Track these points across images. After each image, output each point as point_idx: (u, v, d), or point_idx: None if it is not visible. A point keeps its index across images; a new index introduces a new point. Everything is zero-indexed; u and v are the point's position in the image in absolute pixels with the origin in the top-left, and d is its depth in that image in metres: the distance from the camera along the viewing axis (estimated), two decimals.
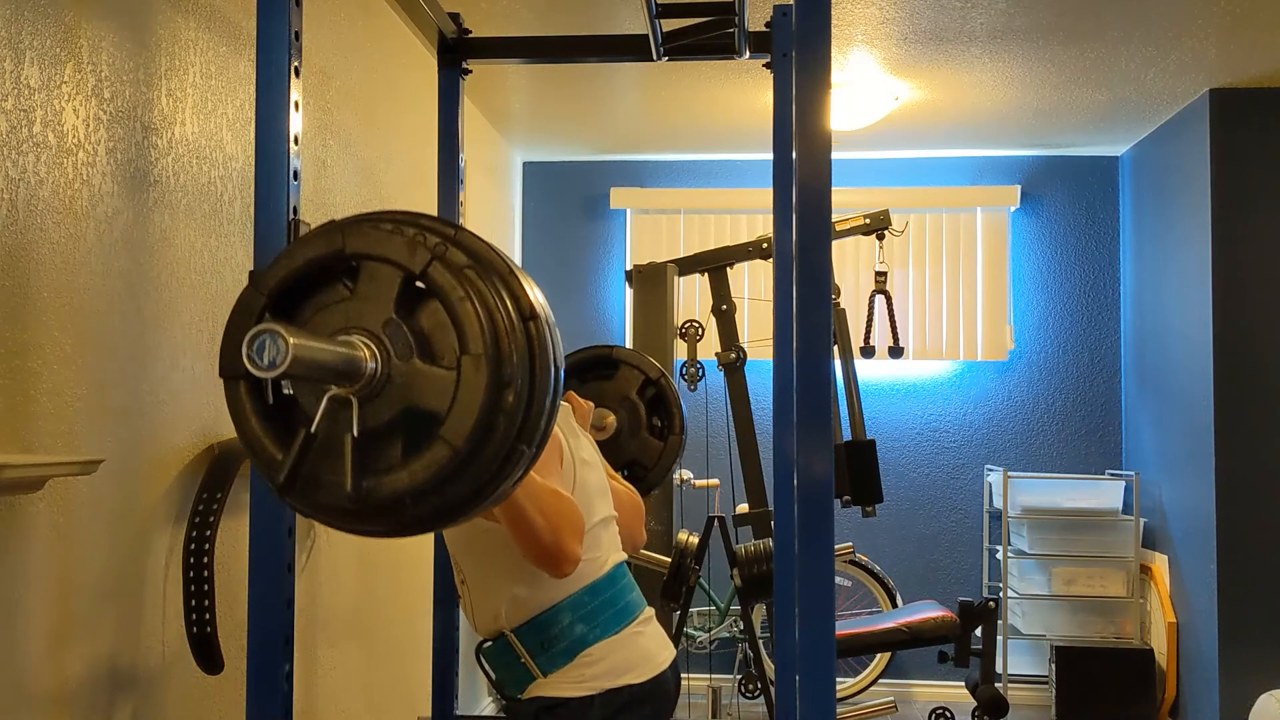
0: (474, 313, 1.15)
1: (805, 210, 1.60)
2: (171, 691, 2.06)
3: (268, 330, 1.03)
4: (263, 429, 1.20)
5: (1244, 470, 4.25)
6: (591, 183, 5.57)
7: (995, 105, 4.53)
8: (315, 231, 1.24)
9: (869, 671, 5.02)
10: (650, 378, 2.50)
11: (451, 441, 1.14)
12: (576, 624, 1.87)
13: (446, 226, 1.22)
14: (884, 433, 5.36)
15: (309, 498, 1.20)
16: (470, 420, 1.13)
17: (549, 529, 1.73)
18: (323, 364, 1.10)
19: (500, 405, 1.15)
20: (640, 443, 2.48)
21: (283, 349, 1.03)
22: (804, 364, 1.60)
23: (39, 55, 1.67)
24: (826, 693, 1.54)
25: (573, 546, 1.76)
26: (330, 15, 2.85)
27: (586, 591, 1.89)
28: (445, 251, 1.18)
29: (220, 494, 2.08)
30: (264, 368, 1.03)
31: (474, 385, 1.14)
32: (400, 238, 1.18)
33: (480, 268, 1.18)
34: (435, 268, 1.16)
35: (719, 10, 2.24)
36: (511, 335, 1.17)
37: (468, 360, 1.15)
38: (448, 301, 1.16)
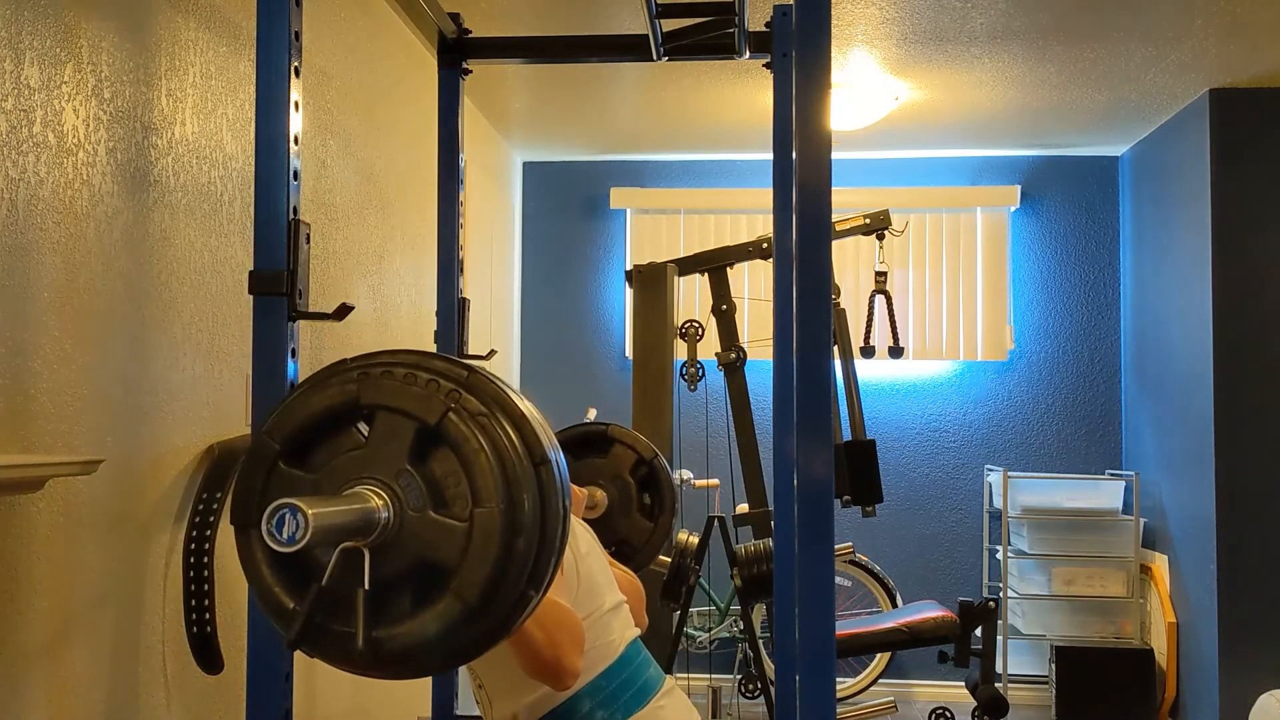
0: (488, 464, 1.16)
1: (805, 210, 1.60)
2: (171, 691, 2.06)
3: (287, 506, 1.04)
4: (274, 578, 1.20)
5: (1244, 470, 4.25)
6: (591, 183, 5.57)
7: (995, 105, 4.53)
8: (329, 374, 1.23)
9: (869, 671, 5.02)
10: (643, 458, 2.48)
11: (464, 596, 1.14)
12: (597, 710, 1.85)
13: (459, 369, 1.22)
14: (884, 433, 5.36)
15: (320, 649, 1.20)
16: (483, 573, 1.14)
17: (549, 644, 1.71)
18: (340, 527, 1.10)
19: (512, 554, 1.15)
20: (630, 522, 2.46)
21: (303, 524, 1.04)
22: (804, 364, 1.59)
23: (39, 55, 1.67)
24: (826, 693, 1.54)
25: (573, 660, 1.75)
26: (330, 15, 2.85)
27: (602, 676, 1.87)
28: (460, 399, 1.18)
29: (220, 494, 2.08)
30: (285, 543, 1.04)
31: (487, 538, 1.15)
32: (415, 387, 1.18)
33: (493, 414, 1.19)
34: (449, 420, 1.16)
35: (719, 10, 2.24)
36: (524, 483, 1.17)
37: (480, 512, 1.15)
38: (461, 453, 1.16)
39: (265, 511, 1.04)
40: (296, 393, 1.25)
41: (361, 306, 3.09)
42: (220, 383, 2.24)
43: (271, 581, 1.20)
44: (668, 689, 1.98)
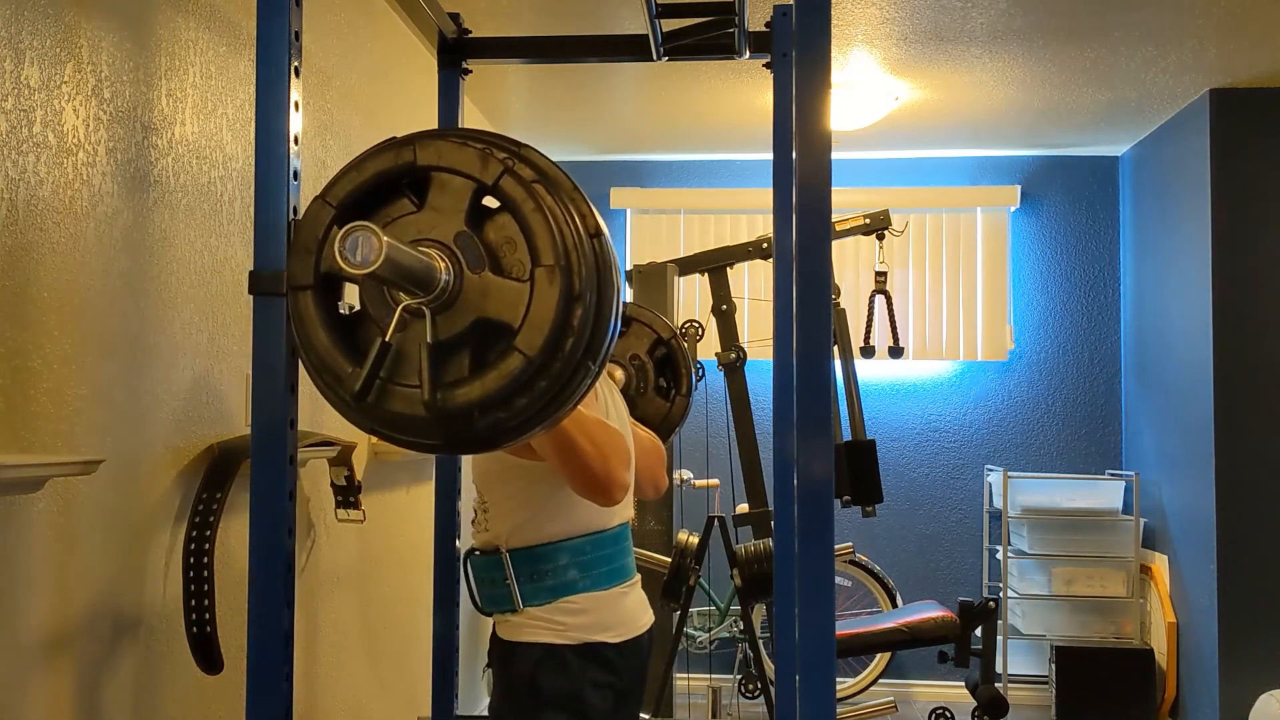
0: (546, 225, 1.15)
1: (805, 210, 1.60)
2: (171, 691, 2.06)
3: (362, 229, 1.02)
4: (331, 339, 1.19)
5: (1244, 470, 4.25)
6: (591, 183, 5.57)
7: (995, 105, 4.53)
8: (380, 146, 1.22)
9: (869, 671, 5.02)
10: (661, 336, 2.48)
11: (525, 351, 1.13)
12: (570, 568, 1.89)
13: (510, 143, 1.21)
14: (884, 433, 5.36)
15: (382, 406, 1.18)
16: (544, 331, 1.13)
17: (599, 457, 1.75)
18: (408, 269, 1.08)
19: (570, 317, 1.15)
20: (646, 401, 2.47)
21: (375, 247, 1.01)
22: (804, 364, 1.59)
23: (39, 55, 1.67)
24: (826, 693, 1.54)
25: (623, 474, 1.79)
26: (330, 16, 2.85)
27: (589, 541, 1.91)
28: (514, 165, 1.17)
29: (220, 494, 2.08)
30: (357, 265, 1.02)
31: (547, 297, 1.14)
32: (472, 149, 1.17)
33: (547, 183, 1.18)
34: (507, 180, 1.15)
35: (719, 10, 2.24)
36: (580, 249, 1.16)
37: (541, 272, 1.14)
38: (520, 214, 1.15)
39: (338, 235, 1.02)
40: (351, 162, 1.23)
41: None
42: (220, 383, 2.24)
43: (329, 343, 1.18)
44: (634, 582, 2.02)
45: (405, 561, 3.49)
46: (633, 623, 1.96)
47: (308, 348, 1.20)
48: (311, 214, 1.21)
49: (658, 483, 2.21)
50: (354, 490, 2.64)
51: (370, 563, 3.20)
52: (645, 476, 2.13)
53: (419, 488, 3.61)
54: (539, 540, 1.89)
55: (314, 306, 1.19)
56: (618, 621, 1.93)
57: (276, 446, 1.56)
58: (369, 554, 3.17)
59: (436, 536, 2.45)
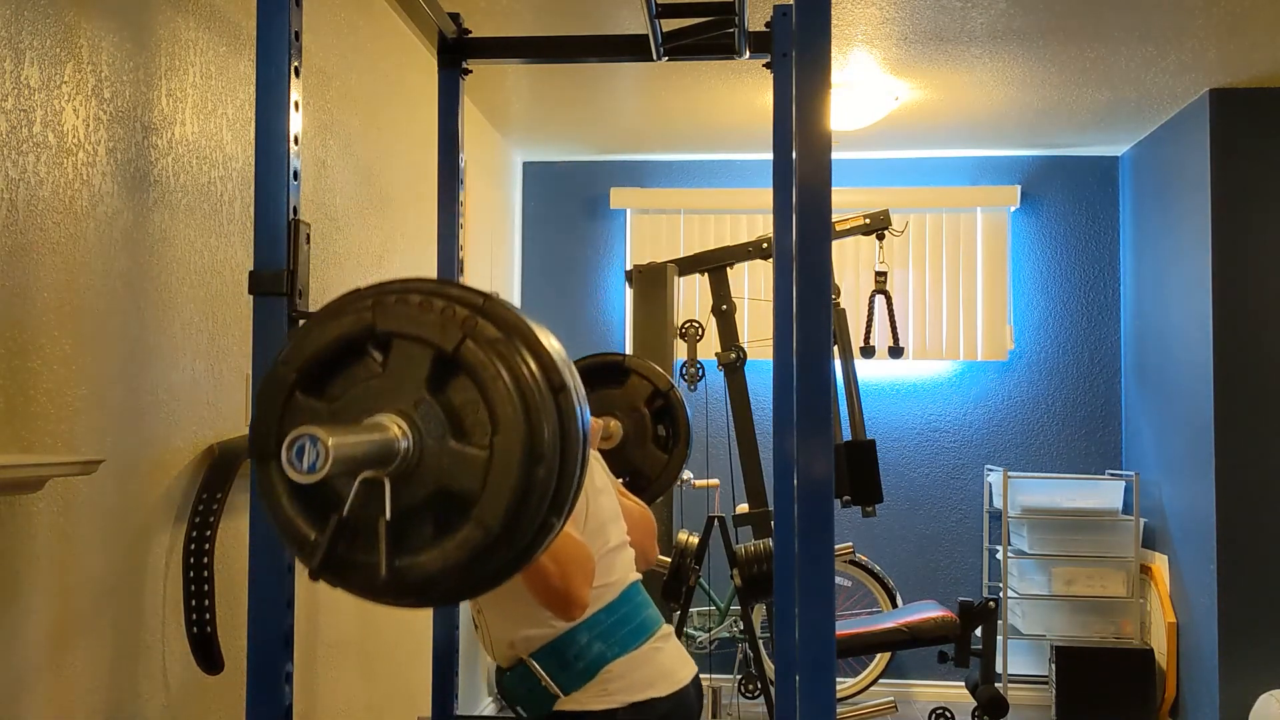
0: (506, 390, 1.14)
1: (805, 210, 1.60)
2: (171, 691, 2.06)
3: (307, 434, 1.02)
4: (294, 510, 1.19)
5: (1244, 470, 4.25)
6: (591, 183, 5.57)
7: (995, 105, 4.53)
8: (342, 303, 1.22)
9: (869, 671, 5.02)
10: (659, 389, 2.49)
11: (485, 523, 1.13)
12: (595, 642, 1.88)
13: (475, 295, 1.20)
14: (884, 433, 5.36)
15: (343, 579, 1.19)
16: (504, 501, 1.13)
17: (559, 575, 1.74)
18: (361, 458, 1.09)
19: (532, 483, 1.14)
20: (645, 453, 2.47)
21: (323, 453, 1.02)
22: (804, 364, 1.59)
23: (39, 55, 1.67)
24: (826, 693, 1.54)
25: (582, 592, 1.77)
26: (330, 16, 2.85)
27: (602, 611, 1.90)
28: (476, 325, 1.16)
29: (220, 494, 2.08)
30: (305, 472, 1.02)
31: (507, 465, 1.13)
32: (431, 313, 1.16)
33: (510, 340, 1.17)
34: (467, 346, 1.15)
35: (719, 10, 2.24)
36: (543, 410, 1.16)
37: (500, 440, 1.13)
38: (479, 381, 1.15)
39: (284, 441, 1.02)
40: (311, 322, 1.23)
41: None
42: (220, 383, 2.24)
43: (292, 513, 1.19)
44: (665, 633, 2.00)
45: None
46: (673, 676, 1.95)
47: (274, 515, 1.21)
48: (271, 381, 1.21)
49: (649, 556, 2.18)
50: None
51: None
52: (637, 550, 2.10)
53: None
54: (554, 634, 1.88)
55: (275, 477, 1.19)
56: (659, 676, 1.92)
57: None
58: None
59: None
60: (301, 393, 1.20)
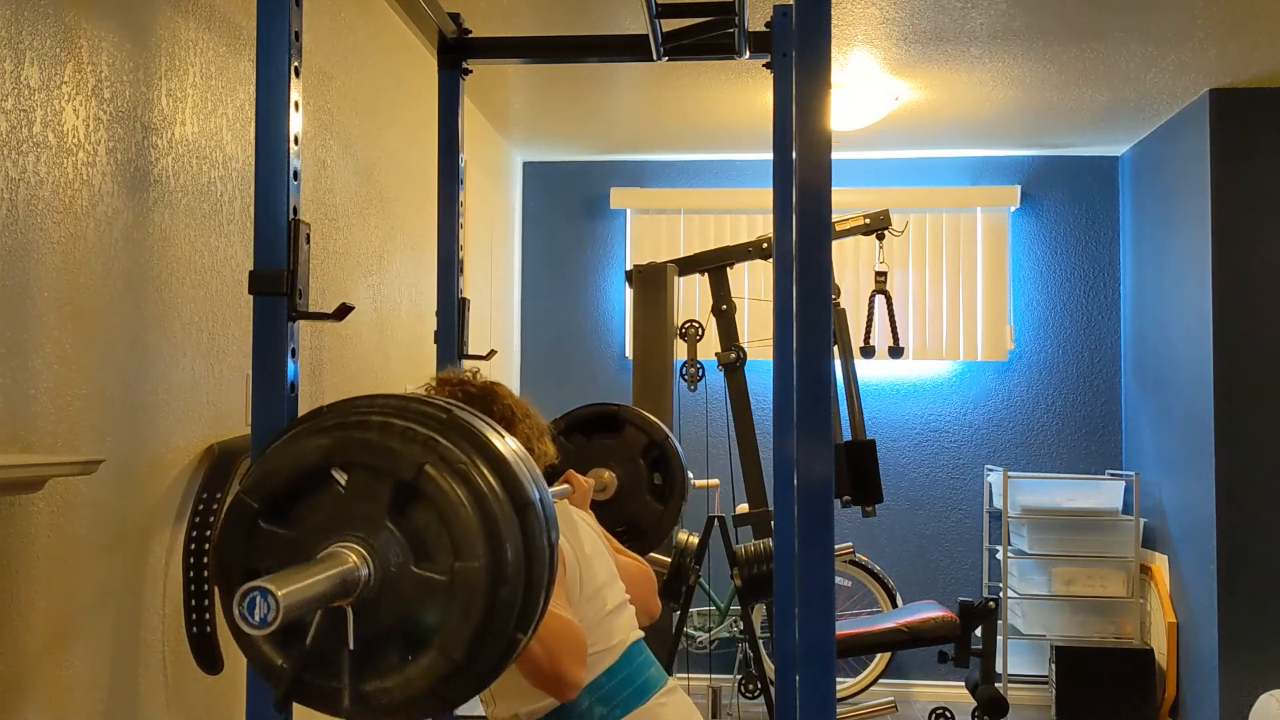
0: (468, 516, 1.13)
1: (805, 210, 1.60)
2: (171, 691, 2.06)
3: (257, 589, 1.02)
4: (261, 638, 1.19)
5: (1244, 470, 4.25)
6: (591, 183, 5.57)
7: (995, 105, 4.53)
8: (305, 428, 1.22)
9: (869, 671, 5.02)
10: (654, 439, 2.47)
11: (449, 653, 1.12)
12: (596, 706, 1.87)
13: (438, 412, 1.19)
14: (884, 433, 5.36)
15: (310, 704, 1.20)
16: (468, 628, 1.12)
17: (549, 658, 1.72)
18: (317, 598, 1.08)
19: (496, 605, 1.13)
20: (640, 504, 2.45)
21: (273, 606, 1.01)
22: (804, 364, 1.59)
23: (39, 55, 1.67)
24: (826, 693, 1.54)
25: (574, 673, 1.75)
26: (330, 16, 2.85)
27: (603, 674, 1.89)
28: (436, 448, 1.15)
29: (220, 494, 2.08)
30: (257, 625, 1.02)
31: (470, 590, 1.12)
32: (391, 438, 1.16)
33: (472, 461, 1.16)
34: (426, 475, 1.14)
35: (719, 10, 2.24)
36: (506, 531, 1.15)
37: (462, 567, 1.13)
38: (440, 507, 1.14)
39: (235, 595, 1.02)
40: (273, 446, 1.23)
41: (361, 306, 3.09)
42: (220, 383, 2.24)
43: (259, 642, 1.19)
44: (669, 688, 1.98)
45: None
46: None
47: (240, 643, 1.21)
48: (236, 510, 1.21)
49: (649, 609, 2.15)
50: None
51: None
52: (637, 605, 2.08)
53: None
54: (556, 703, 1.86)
55: None
56: None
57: None
58: None
59: None
60: (265, 522, 1.20)
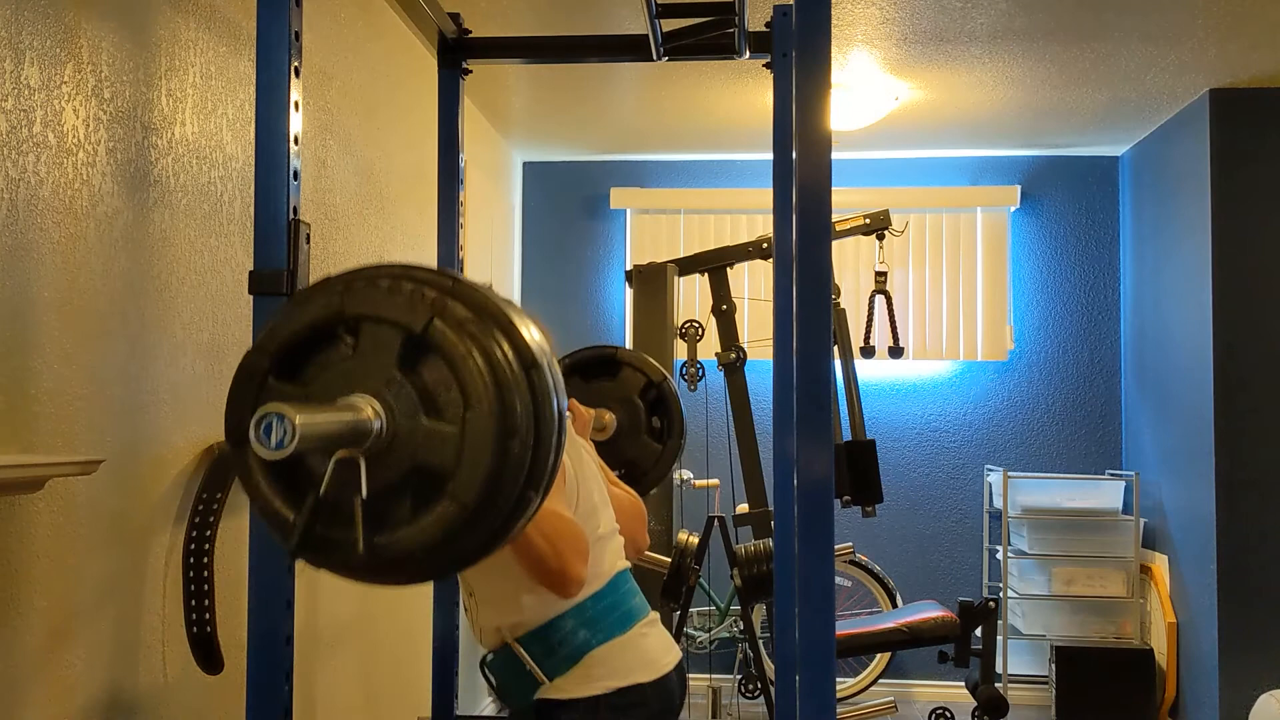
0: (477, 368, 1.15)
1: (805, 210, 1.60)
2: (171, 691, 2.06)
3: (274, 412, 1.03)
4: (272, 490, 1.20)
5: (1244, 470, 4.25)
6: (591, 183, 5.57)
7: (995, 105, 4.53)
8: (314, 290, 1.23)
9: (869, 671, 5.02)
10: (652, 380, 2.49)
11: (460, 499, 1.14)
12: (579, 630, 1.89)
13: (444, 278, 1.21)
14: (884, 433, 5.36)
15: (322, 557, 1.20)
16: (478, 476, 1.13)
17: (554, 554, 1.75)
18: (330, 435, 1.10)
19: (507, 458, 1.15)
20: (639, 445, 2.48)
21: (290, 429, 1.03)
22: (804, 364, 1.60)
23: (39, 55, 1.67)
24: (826, 693, 1.54)
25: (578, 569, 1.79)
26: (330, 15, 2.85)
27: (589, 599, 1.91)
28: (445, 306, 1.17)
29: (220, 494, 2.08)
30: (272, 449, 1.03)
31: (480, 440, 1.14)
32: (399, 296, 1.18)
33: (480, 320, 1.18)
34: (435, 326, 1.16)
35: (719, 10, 2.24)
36: (515, 387, 1.16)
37: (472, 415, 1.14)
38: (449, 358, 1.15)
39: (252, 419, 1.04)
40: (283, 309, 1.24)
41: None
42: (220, 383, 2.24)
43: (270, 494, 1.20)
44: (651, 619, 2.01)
45: None
46: (658, 662, 1.96)
47: (252, 496, 1.22)
48: (247, 366, 1.22)
49: (639, 544, 2.18)
50: None
51: None
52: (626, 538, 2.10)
53: None
54: (541, 619, 1.89)
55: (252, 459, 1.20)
56: (644, 663, 1.93)
57: None
58: None
59: None
60: (275, 378, 1.21)
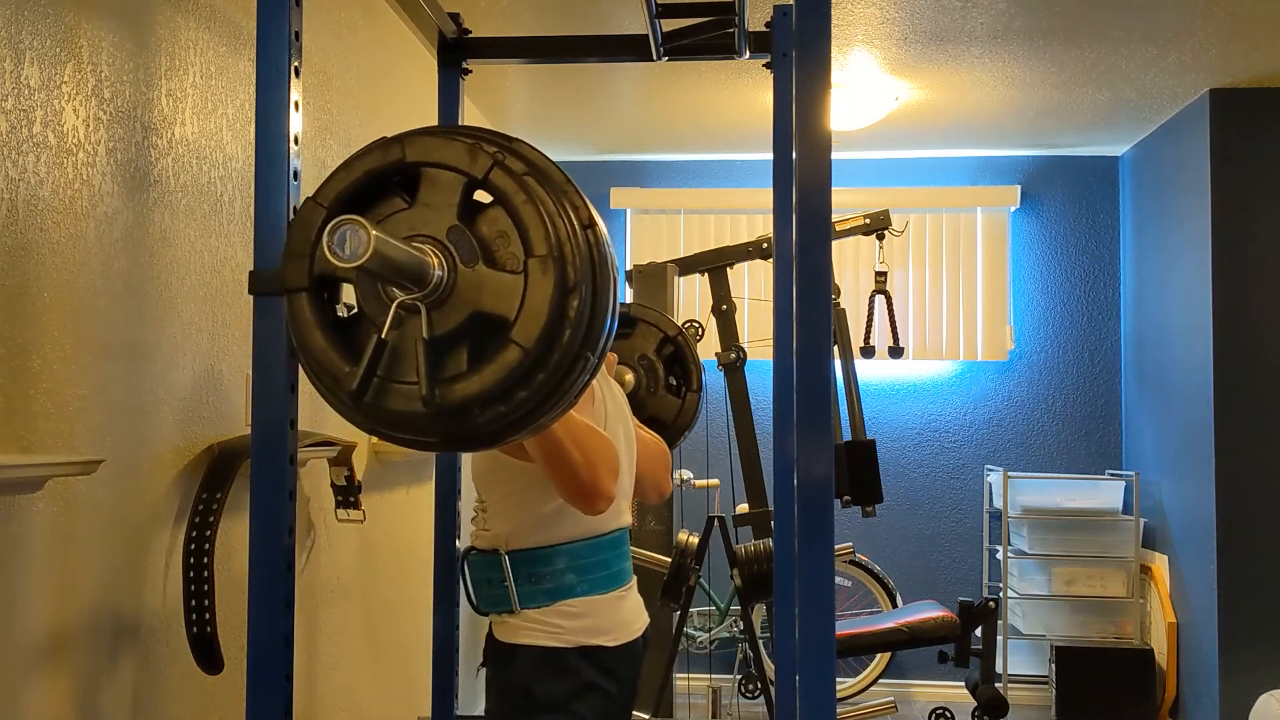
0: (538, 216, 1.15)
1: (805, 210, 1.60)
2: (171, 691, 2.06)
3: (349, 222, 1.02)
4: (328, 340, 1.18)
5: (1244, 470, 4.25)
6: (591, 183, 5.57)
7: (995, 105, 4.53)
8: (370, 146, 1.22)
9: (869, 671, 5.02)
10: (668, 335, 2.49)
11: (522, 343, 1.13)
12: (568, 571, 1.89)
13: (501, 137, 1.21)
14: (884, 433, 5.36)
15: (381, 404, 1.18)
16: (540, 322, 1.13)
17: (586, 465, 1.74)
18: (398, 263, 1.08)
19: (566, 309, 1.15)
20: (658, 400, 2.48)
21: (364, 240, 1.01)
22: (804, 364, 1.59)
23: (39, 55, 1.67)
24: (826, 693, 1.54)
25: (608, 484, 1.78)
26: (330, 16, 2.85)
27: (587, 546, 1.91)
28: (504, 158, 1.17)
29: (220, 494, 2.08)
30: (346, 258, 1.01)
31: (542, 288, 1.13)
32: (460, 144, 1.17)
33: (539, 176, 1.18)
34: (497, 173, 1.15)
35: (719, 10, 2.24)
36: (574, 241, 1.16)
37: (534, 263, 1.14)
38: (511, 205, 1.15)
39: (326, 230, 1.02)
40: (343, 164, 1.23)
41: None
42: (220, 383, 2.24)
43: (326, 344, 1.18)
44: (630, 585, 2.02)
45: (405, 561, 3.49)
46: (628, 626, 1.97)
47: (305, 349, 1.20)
48: (304, 215, 1.21)
49: (660, 486, 2.20)
50: (354, 490, 2.64)
51: (370, 562, 3.20)
52: (648, 480, 2.13)
53: (419, 488, 3.61)
54: (537, 544, 1.89)
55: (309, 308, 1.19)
56: (614, 625, 1.94)
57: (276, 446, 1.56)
58: (369, 554, 3.17)
59: (436, 536, 2.46)
60: None
